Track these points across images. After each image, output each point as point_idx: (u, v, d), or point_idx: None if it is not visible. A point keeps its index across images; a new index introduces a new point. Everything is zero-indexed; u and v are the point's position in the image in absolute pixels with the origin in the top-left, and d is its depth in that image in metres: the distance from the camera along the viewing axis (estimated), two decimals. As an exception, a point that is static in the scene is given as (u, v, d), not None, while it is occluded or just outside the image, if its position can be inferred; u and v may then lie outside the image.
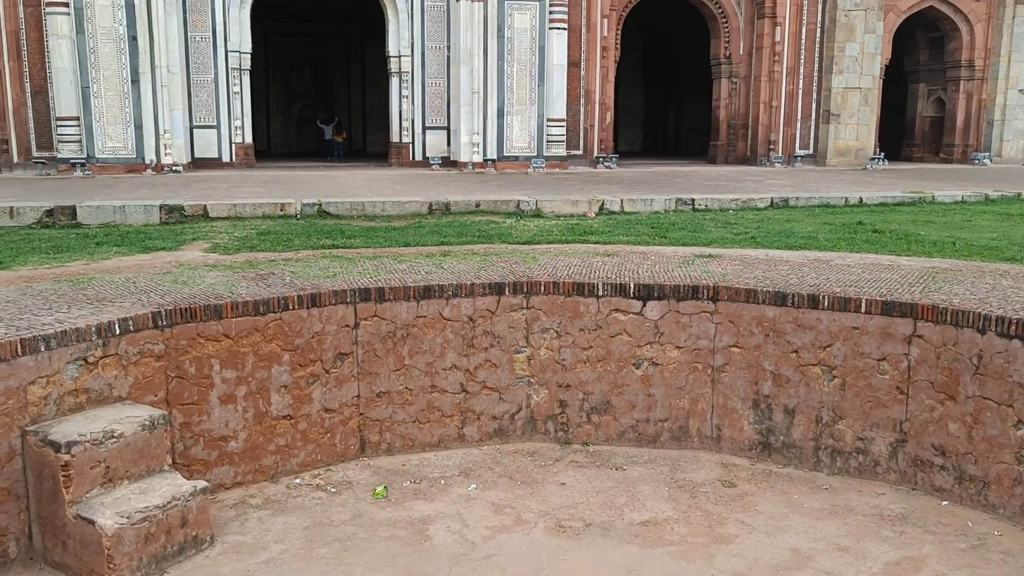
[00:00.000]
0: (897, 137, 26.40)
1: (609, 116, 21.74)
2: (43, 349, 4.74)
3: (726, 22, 23.03)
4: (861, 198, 13.53)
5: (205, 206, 11.18)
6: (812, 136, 23.19)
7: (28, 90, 18.54)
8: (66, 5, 17.42)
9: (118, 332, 5.16)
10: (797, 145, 23.10)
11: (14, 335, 4.71)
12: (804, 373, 6.23)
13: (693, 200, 12.75)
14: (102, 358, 5.07)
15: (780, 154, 22.80)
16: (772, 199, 13.13)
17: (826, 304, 6.10)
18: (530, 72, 19.87)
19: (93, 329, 5.02)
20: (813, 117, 23.10)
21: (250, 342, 5.79)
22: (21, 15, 18.26)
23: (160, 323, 5.40)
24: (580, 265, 7.24)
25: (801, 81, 22.83)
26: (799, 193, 13.79)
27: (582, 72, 21.14)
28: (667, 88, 32.92)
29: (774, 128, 22.86)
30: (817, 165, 22.90)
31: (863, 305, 5.98)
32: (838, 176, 18.96)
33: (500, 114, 19.86)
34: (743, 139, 23.60)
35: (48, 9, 17.60)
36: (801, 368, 6.23)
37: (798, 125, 22.99)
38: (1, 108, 18.49)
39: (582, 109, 21.35)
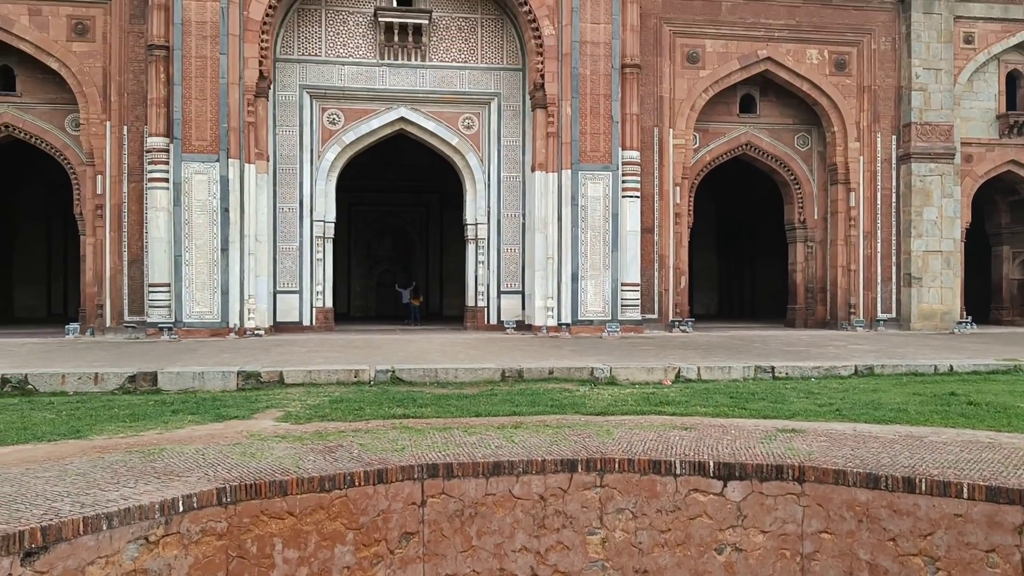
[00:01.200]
0: (983, 300, 25.64)
1: (683, 280, 21.74)
2: (105, 528, 4.67)
3: (799, 188, 23.20)
4: (951, 366, 12.95)
5: (281, 372, 11.32)
6: (894, 299, 22.69)
7: (126, 258, 19.55)
8: (166, 181, 18.59)
9: (182, 509, 5.07)
10: (879, 308, 22.59)
11: (77, 512, 4.66)
12: (904, 564, 5.72)
13: (773, 368, 12.38)
14: (163, 537, 4.97)
15: (861, 318, 22.29)
16: (856, 366, 12.67)
17: (924, 488, 5.67)
18: (603, 238, 20.15)
19: (156, 507, 4.95)
20: (894, 280, 22.68)
21: (314, 520, 5.62)
22: (125, 190, 19.52)
23: (224, 500, 5.30)
24: (656, 440, 6.96)
25: (879, 244, 22.59)
26: (884, 360, 13.30)
27: (655, 237, 21.35)
28: (741, 251, 33.00)
29: (854, 291, 22.47)
30: (901, 329, 22.27)
31: (965, 490, 5.53)
32: (924, 341, 18.34)
33: (574, 279, 20.04)
34: (822, 302, 23.23)
35: (150, 184, 18.78)
36: (900, 558, 5.73)
37: (879, 288, 22.57)
38: (100, 275, 19.48)
39: (656, 273, 21.42)
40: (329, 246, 21.07)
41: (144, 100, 19.11)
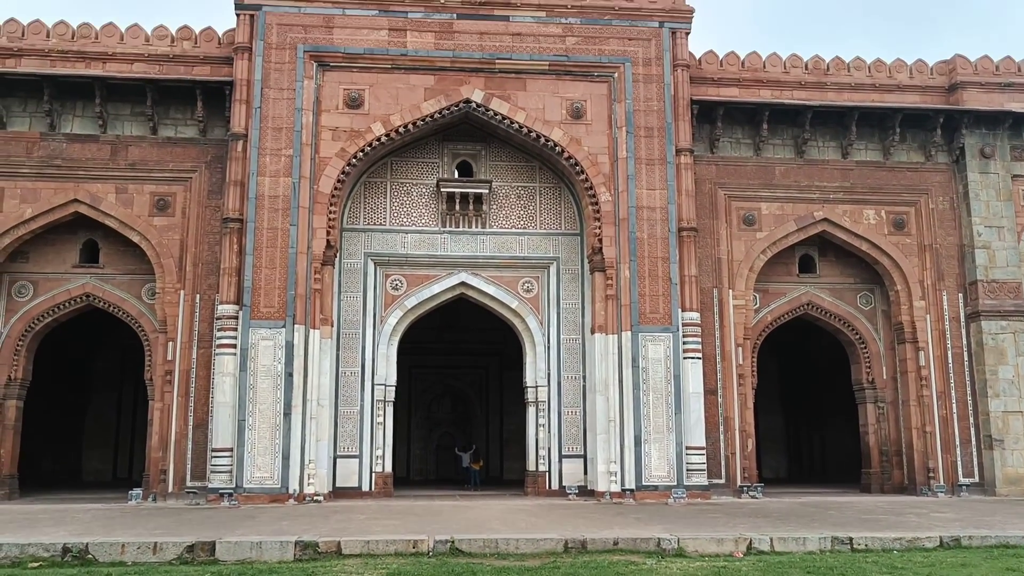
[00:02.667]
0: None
1: (750, 443, 21.12)
2: None
3: (865, 347, 22.76)
4: (1045, 537, 12.12)
5: (339, 542, 11.11)
6: (975, 463, 21.61)
7: (191, 424, 19.82)
8: (233, 346, 19.07)
9: None
10: (960, 473, 21.50)
11: None
12: None
13: (851, 538, 11.74)
14: None
15: (942, 483, 21.21)
16: (941, 537, 11.95)
17: None
18: (666, 400, 19.85)
19: None
20: (973, 442, 21.69)
21: None
22: (194, 356, 20.05)
23: None
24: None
25: (954, 405, 21.78)
26: (971, 530, 12.53)
27: (719, 399, 20.95)
28: (808, 412, 32.09)
29: (931, 455, 21.50)
30: (985, 495, 21.09)
31: None
32: (1012, 508, 17.29)
33: (637, 442, 19.63)
34: (898, 466, 22.25)
35: (218, 350, 19.29)
36: None
37: (958, 451, 21.57)
38: (165, 440, 19.73)
39: (721, 436, 20.88)
40: (390, 409, 21.14)
41: (217, 269, 19.91)
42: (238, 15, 20.52)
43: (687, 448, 19.73)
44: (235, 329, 19.19)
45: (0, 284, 20.75)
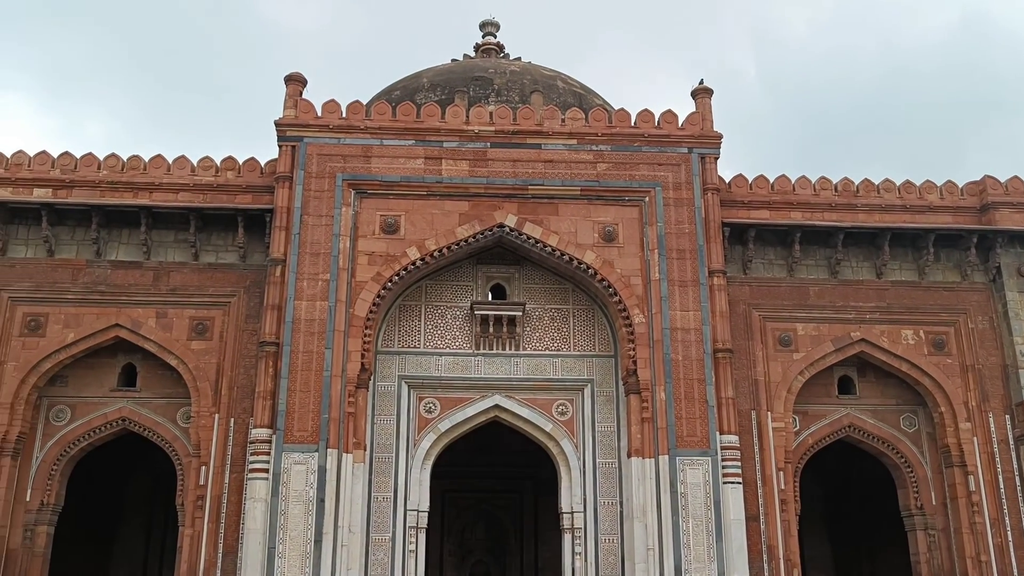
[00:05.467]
0: None
1: (796, 573, 20.23)
2: None
3: (911, 471, 22.03)
4: None
5: None
6: (1037, 595, 20.49)
7: (220, 551, 19.47)
8: (266, 471, 18.92)
9: None
10: (1021, 605, 20.37)
11: None
12: None
13: None
14: None
15: (1002, 616, 20.09)
16: None
17: None
18: (706, 527, 19.23)
19: None
20: (1033, 574, 20.62)
21: None
22: (226, 480, 19.89)
23: None
24: None
25: (1009, 533, 20.82)
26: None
27: (761, 526, 20.23)
28: (857, 539, 30.77)
29: (989, 586, 20.44)
30: (1050, 630, 19.89)
31: None
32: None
33: (678, 571, 18.90)
34: (954, 598, 21.15)
35: (250, 475, 19.13)
36: None
37: (1017, 582, 20.50)
38: (193, 568, 19.35)
39: (765, 565, 20.04)
40: (422, 536, 20.63)
41: (251, 393, 19.97)
42: (280, 146, 21.32)
43: (730, 579, 18.95)
44: (268, 453, 19.07)
45: (39, 408, 20.95)
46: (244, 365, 20.58)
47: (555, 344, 21.95)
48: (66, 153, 21.96)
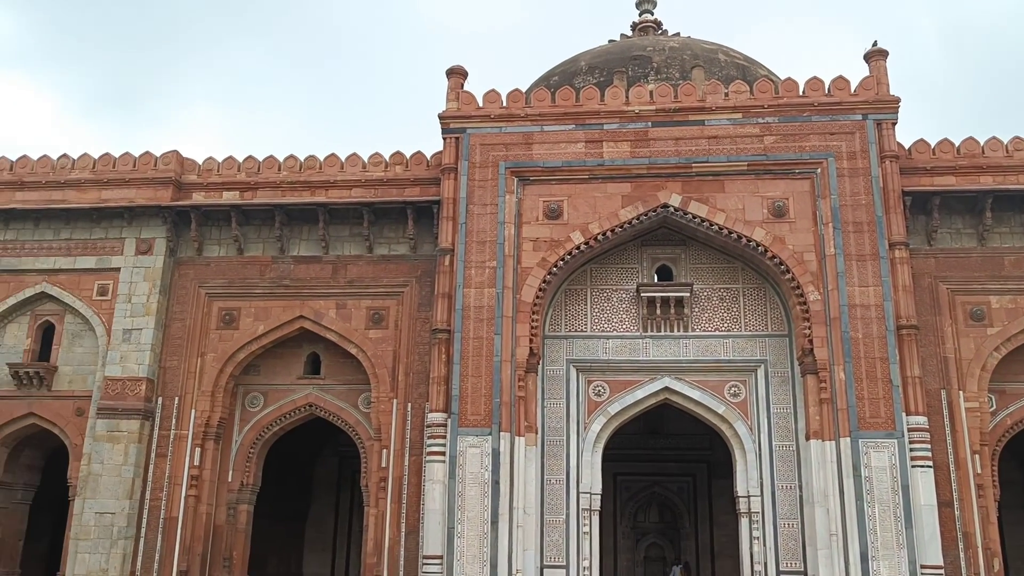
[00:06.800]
0: None
1: (997, 563, 18.91)
2: None
3: None
4: None
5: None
6: None
7: (403, 530, 20.36)
8: (442, 454, 19.57)
9: None
10: None
11: None
12: None
13: None
14: None
15: None
16: None
17: None
18: (894, 513, 18.29)
19: None
20: None
21: None
22: (406, 463, 20.74)
23: None
24: None
25: None
26: None
27: (955, 512, 19.02)
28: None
29: None
30: None
31: None
32: None
33: (863, 559, 18.10)
34: None
35: (428, 457, 19.86)
36: None
37: None
38: (379, 546, 20.34)
39: (961, 554, 18.84)
40: (595, 519, 20.74)
41: (426, 379, 20.69)
42: (445, 139, 21.86)
43: (921, 567, 17.94)
44: (444, 437, 19.71)
45: (235, 395, 22.57)
46: (418, 352, 21.35)
47: (725, 324, 21.42)
48: (250, 157, 23.44)
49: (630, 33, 29.73)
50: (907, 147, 21.32)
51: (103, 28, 72.88)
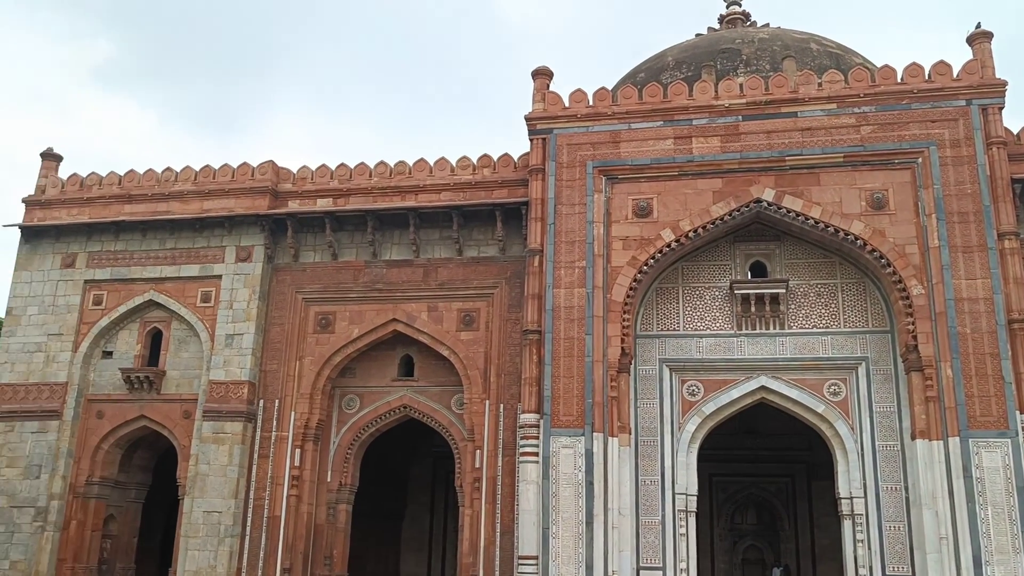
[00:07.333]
0: None
1: (1123, 569, 17.85)
2: None
3: None
4: None
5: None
6: None
7: (498, 530, 20.49)
8: (535, 454, 19.59)
9: None
10: None
11: None
12: None
13: None
14: None
15: None
16: None
17: None
18: (1008, 515, 17.48)
19: None
20: None
21: None
22: (499, 463, 20.87)
23: None
24: None
25: None
26: None
27: (1078, 516, 18.03)
28: None
29: None
30: None
31: None
32: None
33: (976, 563, 17.35)
34: None
35: (521, 458, 19.91)
36: None
37: None
38: (475, 546, 20.52)
39: (1084, 560, 17.85)
40: (692, 520, 20.45)
41: (518, 380, 20.75)
42: (531, 140, 21.90)
43: (1042, 572, 17.10)
44: (536, 438, 19.73)
45: (332, 397, 23.11)
46: (509, 353, 21.45)
47: (823, 321, 20.84)
48: (342, 165, 23.96)
49: (717, 26, 29.21)
50: (1015, 132, 20.33)
51: (198, 47, 75.73)
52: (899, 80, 20.43)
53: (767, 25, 28.06)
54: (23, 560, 21.94)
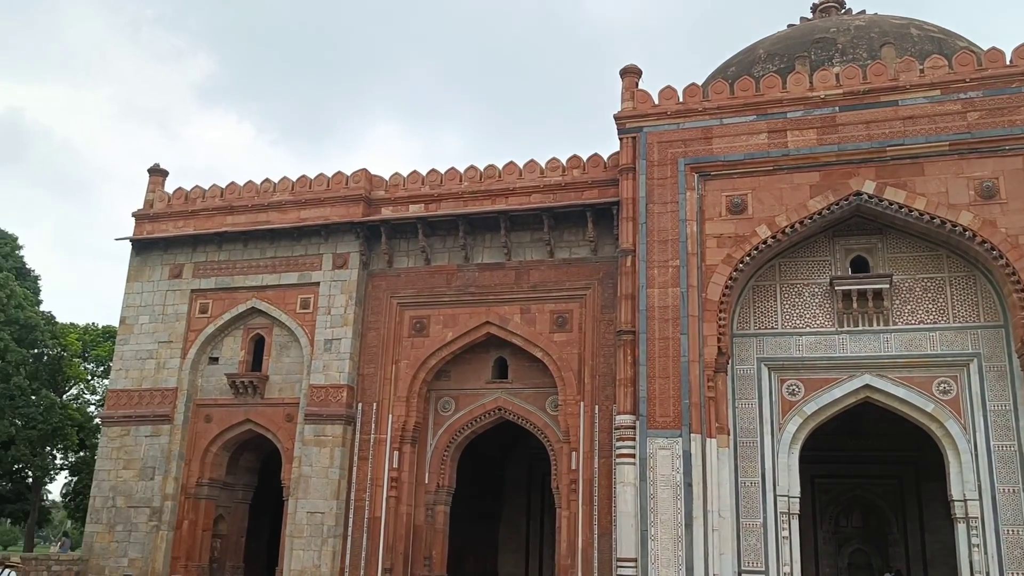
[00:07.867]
0: None
1: None
2: None
3: None
4: None
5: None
6: None
7: (595, 532, 20.39)
8: (632, 456, 19.42)
9: None
10: None
11: None
12: None
13: None
14: None
15: None
16: None
17: None
18: None
19: None
20: None
21: None
22: (595, 465, 20.79)
23: None
24: None
25: None
26: None
27: None
28: None
29: None
30: None
31: None
32: None
33: (1105, 570, 16.39)
34: None
35: (617, 460, 19.75)
36: None
37: None
38: (573, 547, 20.49)
39: None
40: (795, 523, 19.91)
41: (612, 381, 20.61)
42: (621, 139, 21.73)
43: None
44: (633, 439, 19.55)
45: (428, 400, 23.42)
46: (603, 354, 21.34)
47: (930, 316, 20.03)
48: (433, 170, 24.28)
49: (810, 16, 28.46)
50: None
51: (290, 60, 77.92)
52: (1008, 62, 19.50)
53: (863, 12, 27.20)
54: (140, 558, 22.96)
